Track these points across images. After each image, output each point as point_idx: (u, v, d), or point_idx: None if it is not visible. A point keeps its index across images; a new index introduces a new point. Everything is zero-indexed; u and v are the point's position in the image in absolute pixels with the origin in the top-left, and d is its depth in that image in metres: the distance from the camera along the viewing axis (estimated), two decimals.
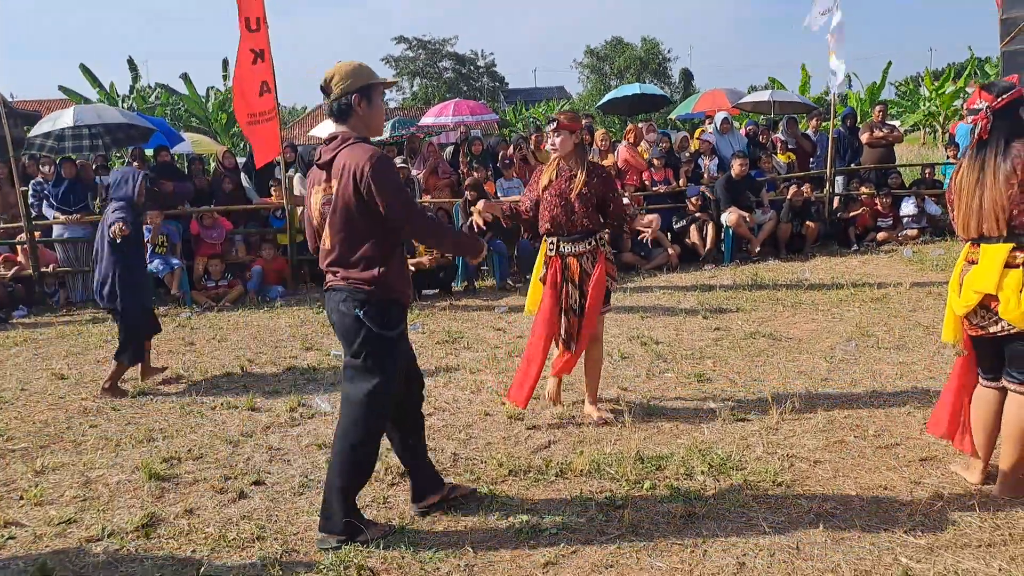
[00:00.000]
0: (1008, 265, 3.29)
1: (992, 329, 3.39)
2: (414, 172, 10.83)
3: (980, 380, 3.60)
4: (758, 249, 10.40)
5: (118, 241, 5.61)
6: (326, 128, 16.27)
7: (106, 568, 3.22)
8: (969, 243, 3.50)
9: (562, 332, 4.71)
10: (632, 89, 15.42)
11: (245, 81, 9.31)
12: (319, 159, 3.32)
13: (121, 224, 5.56)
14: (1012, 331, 3.33)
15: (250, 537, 3.42)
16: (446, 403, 5.20)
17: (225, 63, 29.72)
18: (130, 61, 29.78)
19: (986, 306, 3.38)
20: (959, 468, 3.75)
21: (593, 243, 4.63)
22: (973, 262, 3.44)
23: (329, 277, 3.36)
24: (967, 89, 29.40)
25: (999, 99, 3.32)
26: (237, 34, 9.08)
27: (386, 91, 3.50)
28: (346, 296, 3.25)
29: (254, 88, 9.26)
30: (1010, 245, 3.30)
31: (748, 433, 4.37)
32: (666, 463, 3.98)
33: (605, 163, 10.79)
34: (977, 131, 3.38)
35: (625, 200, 10.59)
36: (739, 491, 3.63)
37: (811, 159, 12.03)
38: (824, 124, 12.27)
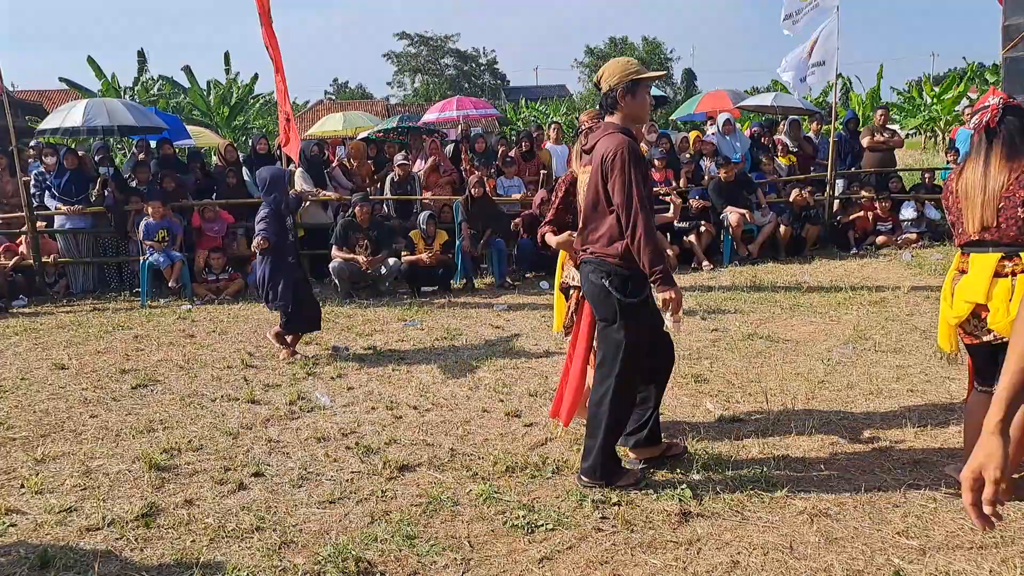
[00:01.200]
0: (997, 275, 3.32)
1: (985, 338, 3.42)
2: (415, 168, 10.86)
3: (976, 386, 3.64)
4: (756, 251, 10.43)
5: (258, 252, 6.14)
6: (324, 126, 16.25)
7: (106, 557, 3.25)
8: (960, 252, 3.52)
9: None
10: None
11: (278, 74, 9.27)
12: (587, 145, 3.78)
13: (260, 239, 6.09)
14: (1004, 340, 3.35)
15: (249, 528, 3.45)
16: (444, 399, 5.23)
17: (227, 56, 29.71)
18: (140, 53, 29.76)
19: (977, 315, 3.41)
20: (952, 471, 3.78)
21: None
22: (964, 271, 3.46)
23: (582, 251, 3.80)
24: (969, 95, 29.41)
25: (1014, 99, 3.33)
26: (245, 28, 9.06)
27: (653, 84, 3.76)
28: (594, 268, 3.67)
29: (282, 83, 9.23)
30: (999, 255, 3.32)
31: (744, 433, 4.40)
32: (663, 462, 4.01)
33: None
34: (986, 119, 3.35)
35: None
36: (734, 490, 3.66)
37: (812, 162, 12.05)
38: (826, 127, 12.30)
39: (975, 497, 1.63)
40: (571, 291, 4.37)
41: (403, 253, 9.29)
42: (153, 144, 12.11)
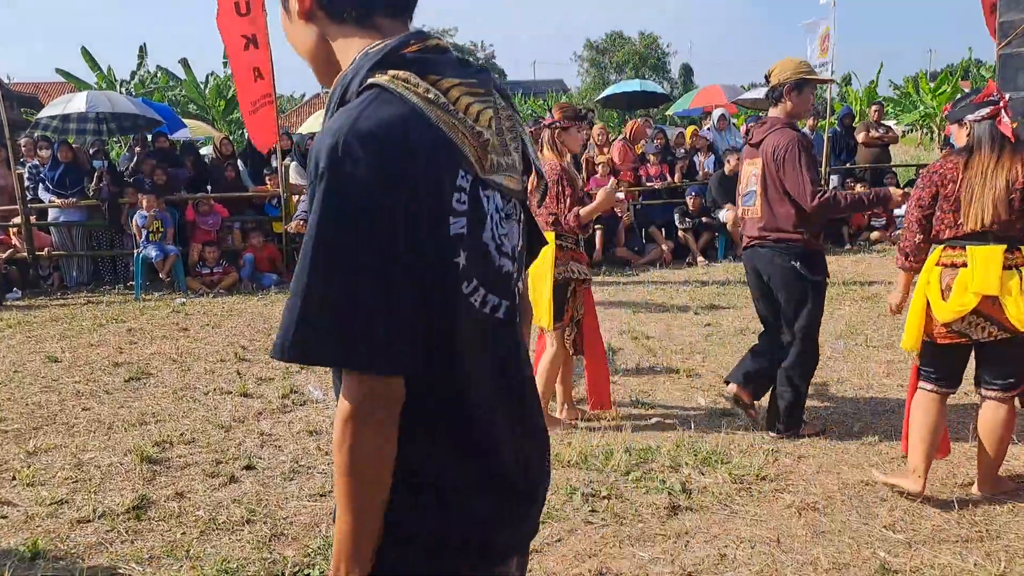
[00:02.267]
0: (1004, 267, 3.24)
1: (976, 336, 3.32)
2: None
3: (926, 386, 3.50)
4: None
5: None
6: (316, 122, 16.23)
7: (97, 549, 3.26)
8: (943, 246, 3.41)
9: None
10: (633, 85, 15.43)
11: (238, 67, 9.29)
12: (752, 139, 4.19)
13: (300, 222, 5.40)
14: (999, 336, 3.30)
15: (240, 521, 3.46)
16: None
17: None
18: (142, 48, 29.56)
19: (978, 311, 3.28)
20: (895, 478, 3.62)
21: None
22: (955, 265, 3.34)
23: (756, 239, 4.13)
24: (962, 88, 29.42)
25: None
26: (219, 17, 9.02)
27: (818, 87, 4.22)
28: (780, 252, 4.05)
29: (248, 74, 9.22)
30: (1002, 247, 3.25)
31: (734, 427, 4.42)
32: (653, 456, 4.03)
33: (600, 158, 10.83)
34: (999, 122, 3.28)
35: (620, 195, 10.63)
36: (723, 484, 3.68)
37: None
38: (821, 123, 12.32)
39: None
40: (573, 283, 4.41)
41: None
42: (149, 137, 12.11)
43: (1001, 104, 3.30)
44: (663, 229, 10.75)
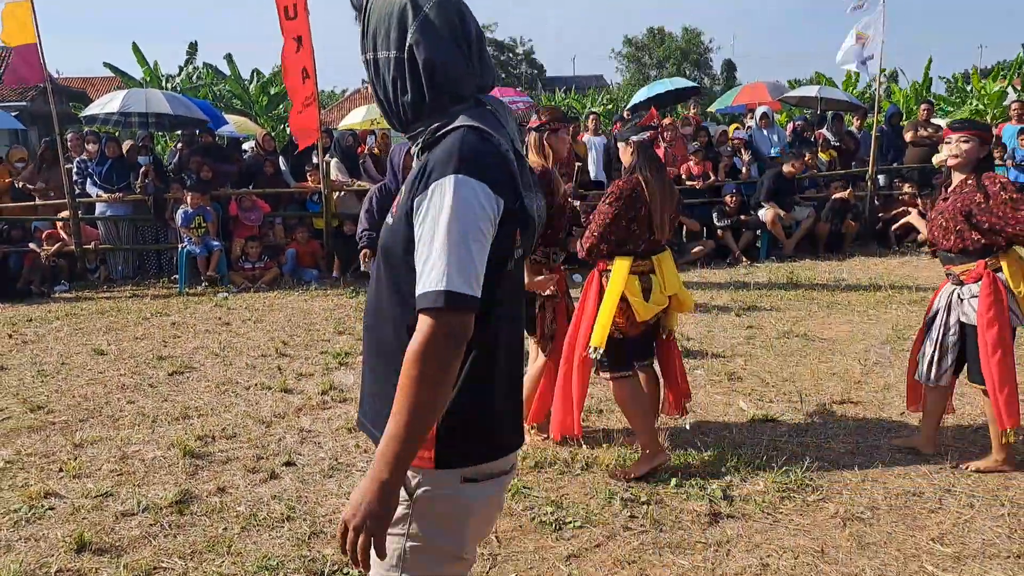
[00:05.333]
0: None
1: (652, 322, 3.99)
2: None
3: (626, 372, 3.94)
4: (791, 247, 10.29)
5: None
6: (357, 117, 16.31)
7: (141, 542, 3.31)
8: (631, 258, 3.85)
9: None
10: (664, 85, 15.12)
11: (290, 68, 9.43)
12: None
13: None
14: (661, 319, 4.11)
15: (280, 517, 3.49)
16: None
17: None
18: (192, 45, 29.98)
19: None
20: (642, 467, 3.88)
21: None
22: (640, 273, 3.87)
23: None
24: (1013, 85, 28.59)
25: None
26: (275, 21, 9.18)
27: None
28: None
29: (297, 75, 9.35)
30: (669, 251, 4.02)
31: (777, 434, 4.34)
32: (693, 461, 3.98)
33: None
34: (657, 146, 3.84)
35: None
36: (766, 492, 3.61)
37: (854, 157, 11.84)
38: (868, 121, 12.07)
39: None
40: (539, 299, 4.17)
41: None
42: (198, 132, 12.26)
43: (659, 130, 3.82)
44: (704, 228, 10.65)
